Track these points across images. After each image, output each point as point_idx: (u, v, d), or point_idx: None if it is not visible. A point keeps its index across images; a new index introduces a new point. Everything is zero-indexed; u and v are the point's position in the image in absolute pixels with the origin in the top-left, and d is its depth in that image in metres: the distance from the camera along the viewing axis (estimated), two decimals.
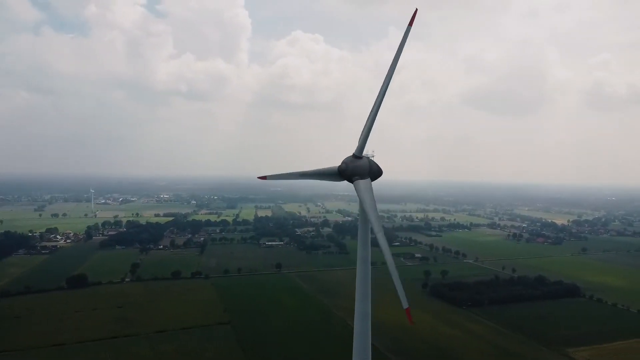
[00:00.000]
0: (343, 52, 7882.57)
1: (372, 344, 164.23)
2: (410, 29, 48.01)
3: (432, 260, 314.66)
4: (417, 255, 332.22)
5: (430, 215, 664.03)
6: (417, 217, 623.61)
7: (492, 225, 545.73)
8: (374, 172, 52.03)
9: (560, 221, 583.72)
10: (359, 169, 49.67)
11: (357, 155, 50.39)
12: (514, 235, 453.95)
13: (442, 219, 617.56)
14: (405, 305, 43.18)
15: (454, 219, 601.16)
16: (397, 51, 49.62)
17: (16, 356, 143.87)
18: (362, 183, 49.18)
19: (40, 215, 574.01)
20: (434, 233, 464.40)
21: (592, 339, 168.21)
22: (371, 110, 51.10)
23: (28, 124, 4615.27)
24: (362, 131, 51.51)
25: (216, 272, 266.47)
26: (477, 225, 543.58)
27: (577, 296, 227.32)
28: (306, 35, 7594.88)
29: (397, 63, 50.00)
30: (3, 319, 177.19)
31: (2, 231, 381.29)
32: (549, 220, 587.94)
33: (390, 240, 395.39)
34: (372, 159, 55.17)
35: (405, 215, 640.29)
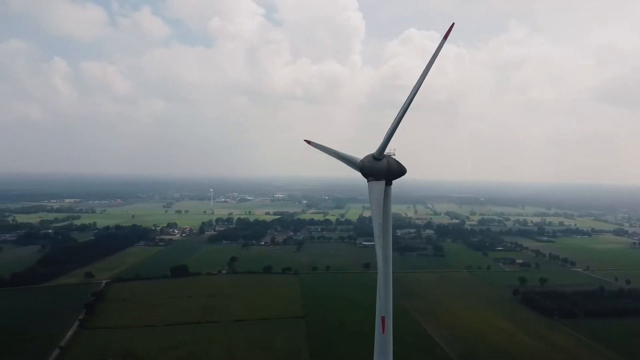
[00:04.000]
0: (460, 49, 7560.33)
1: (439, 346, 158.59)
2: (444, 42, 45.31)
3: (533, 267, 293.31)
4: (518, 260, 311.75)
5: (549, 219, 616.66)
6: (531, 222, 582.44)
7: (619, 232, 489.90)
8: (394, 172, 51.96)
9: None
10: (375, 170, 49.92)
11: (377, 157, 49.91)
12: None
13: (561, 223, 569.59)
14: (381, 313, 45.06)
15: (574, 224, 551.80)
16: (432, 57, 47.07)
17: (111, 332, 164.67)
18: (374, 185, 49.50)
19: (166, 211, 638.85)
20: (545, 238, 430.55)
21: None
22: (398, 112, 48.79)
23: (165, 129, 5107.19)
24: (387, 132, 49.43)
25: (306, 269, 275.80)
26: (600, 232, 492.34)
27: None
28: (420, 32, 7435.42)
29: (430, 67, 47.22)
30: (111, 301, 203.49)
31: (130, 225, 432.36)
32: None
33: (492, 245, 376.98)
34: (392, 157, 55.83)
35: (519, 219, 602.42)
